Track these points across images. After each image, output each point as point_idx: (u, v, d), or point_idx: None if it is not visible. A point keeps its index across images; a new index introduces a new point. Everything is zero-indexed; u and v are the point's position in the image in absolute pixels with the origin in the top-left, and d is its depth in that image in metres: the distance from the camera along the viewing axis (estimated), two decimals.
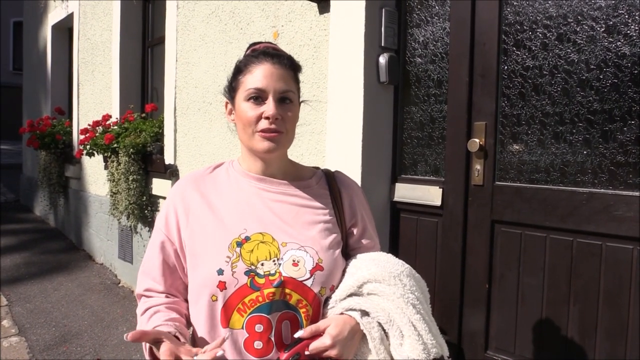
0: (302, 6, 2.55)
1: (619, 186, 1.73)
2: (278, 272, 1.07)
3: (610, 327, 1.74)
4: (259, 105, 1.11)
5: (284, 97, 1.13)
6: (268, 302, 1.06)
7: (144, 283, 1.20)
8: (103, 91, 5.01)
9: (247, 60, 1.16)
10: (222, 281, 1.06)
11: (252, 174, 1.20)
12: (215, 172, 1.25)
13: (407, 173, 2.41)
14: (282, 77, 1.13)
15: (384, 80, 2.28)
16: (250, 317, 1.06)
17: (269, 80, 1.11)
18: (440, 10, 2.24)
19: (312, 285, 1.09)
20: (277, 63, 1.14)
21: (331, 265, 1.12)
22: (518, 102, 1.99)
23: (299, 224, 1.15)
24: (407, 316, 1.05)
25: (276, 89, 1.11)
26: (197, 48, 3.45)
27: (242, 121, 1.13)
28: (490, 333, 2.09)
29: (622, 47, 1.71)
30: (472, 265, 2.12)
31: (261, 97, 1.11)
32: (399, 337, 1.05)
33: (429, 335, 1.05)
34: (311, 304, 1.09)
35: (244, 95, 1.12)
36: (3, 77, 18.75)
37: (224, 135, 3.16)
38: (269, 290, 1.06)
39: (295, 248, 1.11)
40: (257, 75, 1.12)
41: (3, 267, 4.85)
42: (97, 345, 3.25)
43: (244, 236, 1.11)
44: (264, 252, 1.09)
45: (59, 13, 6.17)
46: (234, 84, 1.18)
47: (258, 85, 1.11)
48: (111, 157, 4.16)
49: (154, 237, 1.20)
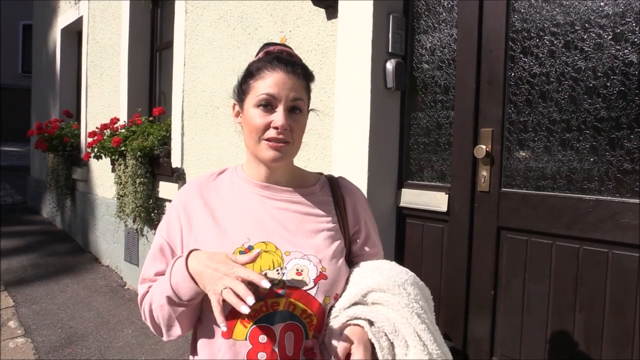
0: (310, 12, 2.57)
1: (625, 194, 1.73)
2: (282, 281, 1.06)
3: (616, 334, 1.73)
4: (269, 113, 1.09)
5: (294, 107, 1.11)
6: (272, 312, 1.04)
7: (145, 288, 1.18)
8: (111, 94, 5.05)
9: (260, 64, 1.14)
10: None
11: (255, 181, 1.19)
12: (219, 179, 1.23)
13: (414, 179, 2.42)
14: (294, 87, 1.11)
15: (391, 86, 2.28)
16: (254, 327, 1.04)
17: (281, 89, 1.09)
18: (447, 17, 2.25)
19: (316, 294, 1.07)
20: (291, 72, 1.12)
21: (335, 274, 1.11)
22: (525, 108, 1.99)
23: (303, 232, 1.14)
24: (412, 326, 1.04)
25: (287, 98, 1.09)
26: (205, 52, 3.47)
27: (249, 127, 1.12)
28: (496, 340, 2.09)
29: (630, 54, 1.71)
30: (478, 272, 2.12)
31: (271, 105, 1.09)
32: (404, 347, 1.05)
33: (434, 345, 1.04)
34: (315, 313, 1.07)
35: (255, 101, 1.10)
36: (12, 80, 18.90)
37: (231, 140, 3.18)
38: (272, 300, 1.04)
39: (298, 257, 1.09)
40: (269, 82, 1.09)
41: (10, 268, 4.88)
42: (102, 347, 3.27)
43: (247, 245, 1.09)
44: (268, 261, 1.07)
45: (69, 16, 6.22)
46: (245, 86, 1.15)
47: (270, 92, 1.09)
48: (118, 160, 4.18)
49: (156, 243, 1.19)
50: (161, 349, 3.25)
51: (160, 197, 4.00)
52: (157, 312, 1.10)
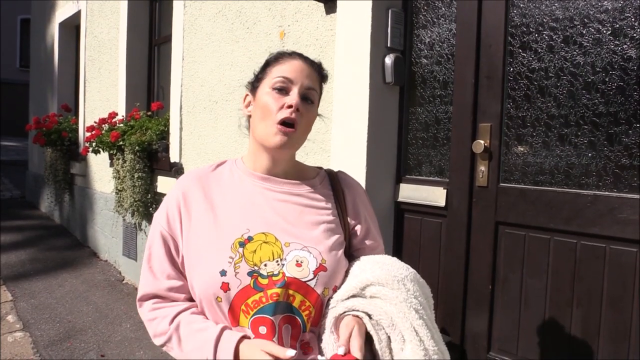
0: (308, 6, 2.56)
1: (623, 189, 1.73)
2: (281, 272, 1.06)
3: (614, 329, 1.74)
4: (283, 96, 1.12)
5: (307, 96, 1.15)
6: (272, 303, 1.04)
7: (156, 283, 1.15)
8: (109, 89, 5.03)
9: (278, 54, 1.19)
10: (225, 282, 1.04)
11: (256, 173, 1.19)
12: (218, 170, 1.24)
13: (412, 174, 2.42)
14: (310, 75, 1.16)
15: (390, 81, 2.28)
16: (254, 318, 1.04)
17: (298, 74, 1.14)
18: (446, 12, 2.24)
19: (316, 285, 1.07)
20: (308, 63, 1.18)
21: (334, 266, 1.11)
22: (523, 104, 1.99)
23: (303, 224, 1.14)
24: (409, 321, 1.04)
25: (303, 83, 1.14)
26: (203, 47, 3.46)
27: (262, 109, 1.14)
28: (493, 334, 2.09)
29: (628, 50, 1.71)
30: (476, 267, 2.12)
31: (286, 90, 1.13)
32: (401, 342, 1.05)
33: (430, 341, 1.04)
34: (314, 305, 1.08)
35: (270, 83, 1.14)
36: (10, 74, 18.85)
37: (229, 134, 3.17)
38: (272, 290, 1.04)
39: (298, 248, 1.09)
40: (287, 67, 1.14)
41: (8, 263, 4.88)
42: (100, 341, 3.27)
43: (246, 236, 1.09)
44: (267, 252, 1.08)
45: (67, 10, 6.19)
46: (261, 74, 1.20)
47: (286, 75, 1.13)
48: (117, 155, 4.18)
49: (154, 233, 1.17)
50: None
51: (159, 192, 3.99)
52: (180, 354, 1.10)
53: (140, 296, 1.18)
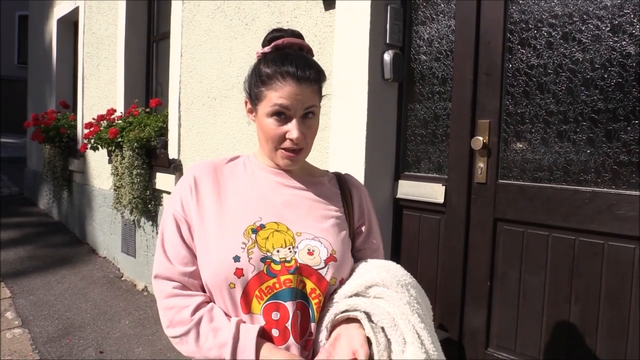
0: (307, 2, 2.55)
1: (622, 185, 1.74)
2: (294, 259, 1.08)
3: (611, 326, 1.75)
4: (283, 123, 1.11)
5: (307, 113, 1.14)
6: (285, 289, 1.06)
7: (170, 268, 1.14)
8: (108, 85, 5.02)
9: (270, 70, 1.12)
10: (239, 268, 1.05)
11: (269, 168, 1.23)
12: (231, 163, 1.26)
13: (411, 170, 2.42)
14: (306, 97, 1.11)
15: (389, 77, 2.28)
16: (267, 304, 1.06)
17: (293, 101, 1.10)
18: (445, 8, 2.24)
19: (326, 274, 1.10)
20: (303, 80, 1.11)
21: (343, 257, 1.15)
22: (522, 100, 1.99)
23: (313, 217, 1.17)
24: (411, 323, 1.05)
25: (301, 107, 1.11)
26: (202, 43, 3.45)
27: (265, 135, 1.14)
28: (492, 331, 2.10)
29: (627, 46, 1.71)
30: (474, 263, 2.13)
31: (285, 115, 1.11)
32: (402, 344, 1.05)
33: (431, 345, 1.05)
34: (323, 293, 1.10)
35: (268, 111, 1.12)
36: (8, 71, 18.80)
37: (228, 131, 3.17)
38: (285, 276, 1.07)
39: (309, 238, 1.12)
40: (282, 94, 1.10)
41: (7, 260, 4.88)
42: (99, 337, 3.27)
43: (259, 224, 1.12)
44: (279, 239, 1.10)
45: (65, 7, 6.17)
46: (257, 91, 1.15)
47: (282, 103, 1.10)
48: (115, 151, 4.17)
49: (167, 216, 1.17)
50: (158, 339, 3.26)
51: (157, 189, 3.99)
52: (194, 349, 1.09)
53: (155, 274, 1.16)
